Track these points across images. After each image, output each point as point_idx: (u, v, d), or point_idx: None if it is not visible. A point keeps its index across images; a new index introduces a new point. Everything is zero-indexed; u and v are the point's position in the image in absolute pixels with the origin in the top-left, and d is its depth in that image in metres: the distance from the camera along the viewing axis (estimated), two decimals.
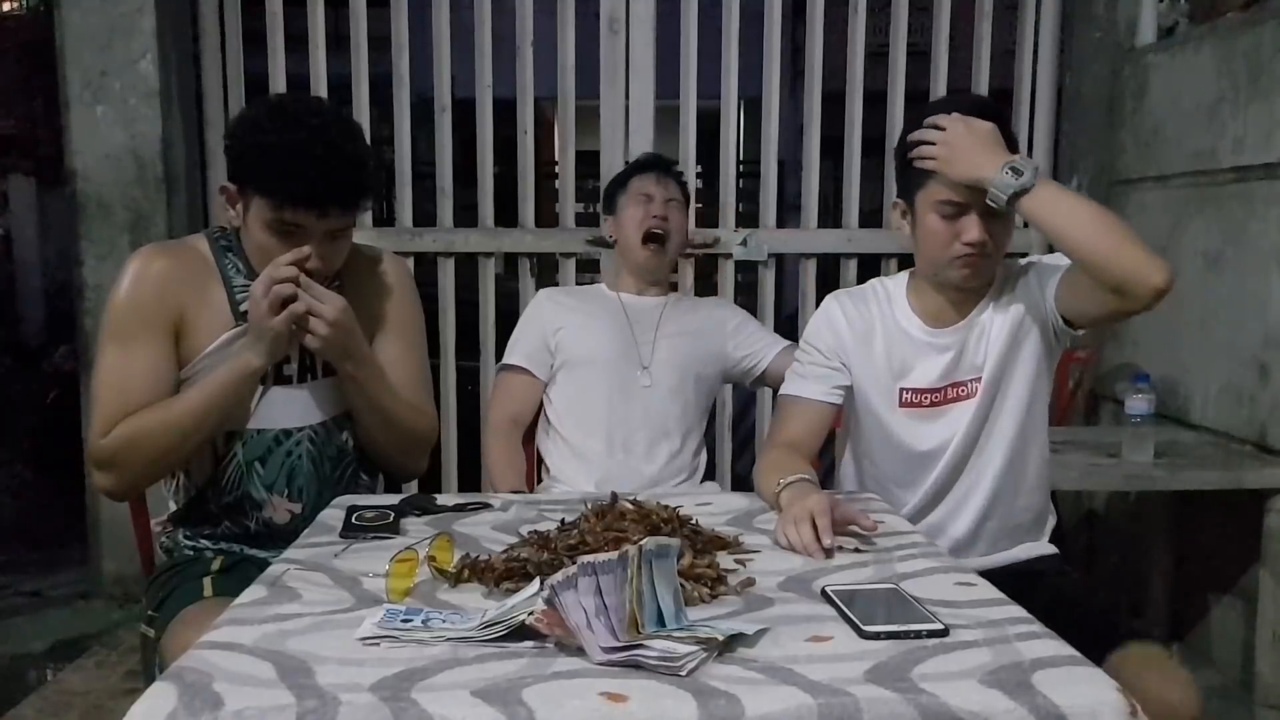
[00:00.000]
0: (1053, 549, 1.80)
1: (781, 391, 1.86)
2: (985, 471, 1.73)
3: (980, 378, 1.70)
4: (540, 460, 2.33)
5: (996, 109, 1.68)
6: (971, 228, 1.61)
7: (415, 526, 1.57)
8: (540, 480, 2.31)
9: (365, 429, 1.79)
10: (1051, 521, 1.84)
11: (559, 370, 2.26)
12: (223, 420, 1.68)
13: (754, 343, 2.33)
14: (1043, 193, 1.55)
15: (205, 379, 1.66)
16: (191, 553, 1.75)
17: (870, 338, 1.76)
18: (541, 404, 2.30)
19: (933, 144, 1.61)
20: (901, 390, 1.73)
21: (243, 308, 1.68)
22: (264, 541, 1.72)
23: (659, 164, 2.41)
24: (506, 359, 2.31)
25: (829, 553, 1.40)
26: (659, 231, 2.26)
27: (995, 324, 1.71)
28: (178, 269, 1.69)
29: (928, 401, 1.73)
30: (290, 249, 1.62)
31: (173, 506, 1.80)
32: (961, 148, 1.59)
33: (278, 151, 1.58)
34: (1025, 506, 1.78)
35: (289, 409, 1.73)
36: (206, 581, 1.64)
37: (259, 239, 1.65)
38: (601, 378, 2.22)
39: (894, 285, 1.80)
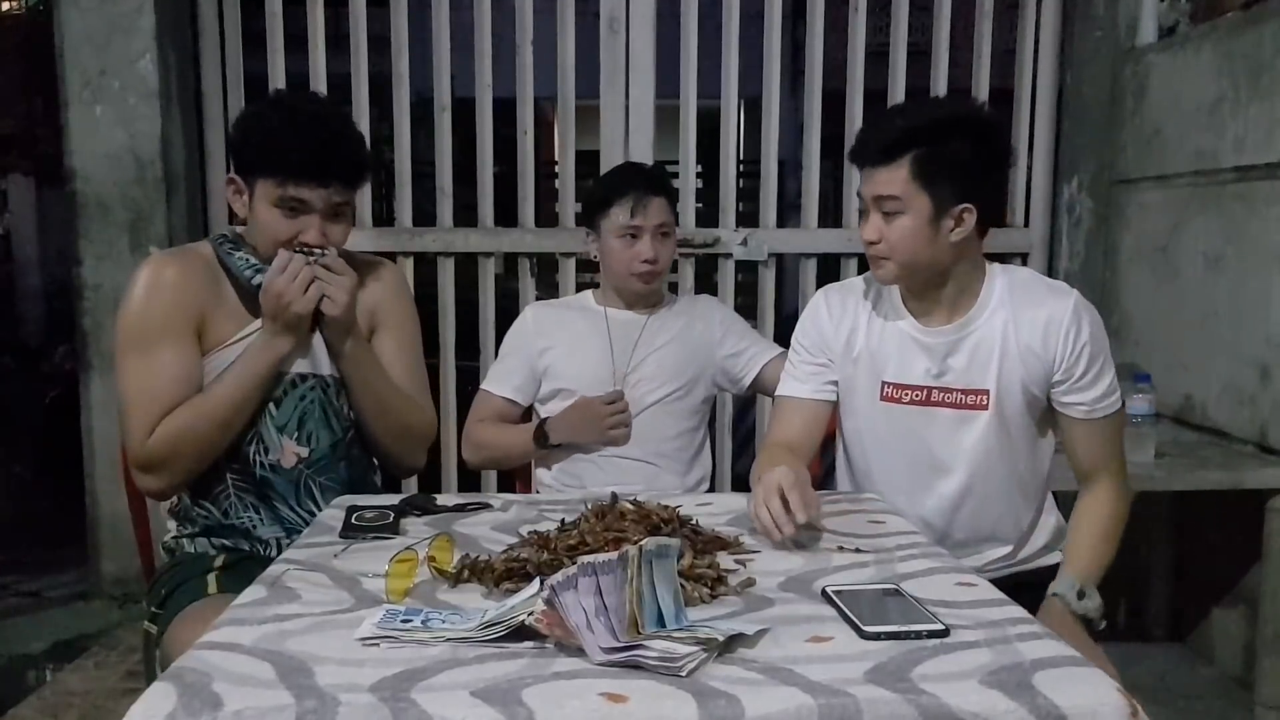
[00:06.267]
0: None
1: (776, 393, 1.84)
2: (991, 483, 1.69)
3: (986, 390, 1.64)
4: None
5: (993, 125, 1.64)
6: (865, 227, 1.64)
7: (415, 526, 1.57)
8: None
9: (361, 412, 1.81)
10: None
11: (548, 395, 2.18)
12: (258, 407, 1.72)
13: (742, 341, 2.22)
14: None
15: (237, 369, 1.69)
16: (194, 550, 1.76)
17: (854, 330, 1.73)
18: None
19: None
20: (884, 384, 1.70)
21: (256, 281, 1.71)
22: (264, 492, 1.74)
23: (640, 181, 2.13)
24: (492, 385, 2.20)
25: (798, 529, 1.40)
26: (649, 273, 2.11)
27: (995, 338, 1.64)
28: (190, 274, 1.73)
29: (907, 398, 1.68)
30: (295, 228, 1.69)
31: None
32: None
33: (281, 133, 1.66)
34: (1035, 522, 1.76)
35: (301, 351, 1.76)
36: (210, 579, 1.66)
37: (264, 219, 1.70)
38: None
39: None
